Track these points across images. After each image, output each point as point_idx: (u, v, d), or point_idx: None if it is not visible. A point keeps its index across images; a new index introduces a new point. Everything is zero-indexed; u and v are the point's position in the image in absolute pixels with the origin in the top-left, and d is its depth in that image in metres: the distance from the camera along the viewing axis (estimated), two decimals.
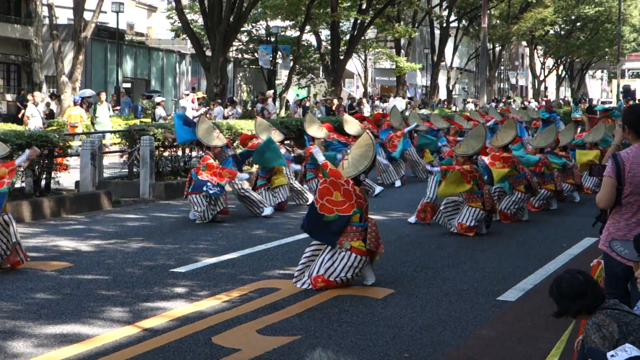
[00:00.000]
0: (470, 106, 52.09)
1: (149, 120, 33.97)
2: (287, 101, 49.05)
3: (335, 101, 41.78)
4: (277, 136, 18.35)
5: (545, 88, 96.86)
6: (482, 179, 15.02)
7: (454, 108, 59.17)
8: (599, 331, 5.55)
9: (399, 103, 43.63)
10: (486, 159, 15.86)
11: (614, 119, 25.73)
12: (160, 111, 34.27)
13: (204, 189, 15.33)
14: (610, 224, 6.91)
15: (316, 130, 19.45)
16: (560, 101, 73.86)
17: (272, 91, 44.75)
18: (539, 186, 17.28)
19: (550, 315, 6.05)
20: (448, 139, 22.74)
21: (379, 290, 10.44)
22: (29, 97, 31.31)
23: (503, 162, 15.83)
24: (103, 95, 31.27)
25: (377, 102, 49.30)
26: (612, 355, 5.29)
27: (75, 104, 31.40)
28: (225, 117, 33.02)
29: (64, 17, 49.70)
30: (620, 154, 6.80)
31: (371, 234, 10.59)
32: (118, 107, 37.99)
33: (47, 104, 33.74)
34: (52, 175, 17.56)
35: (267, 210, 16.57)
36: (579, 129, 22.37)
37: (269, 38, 55.87)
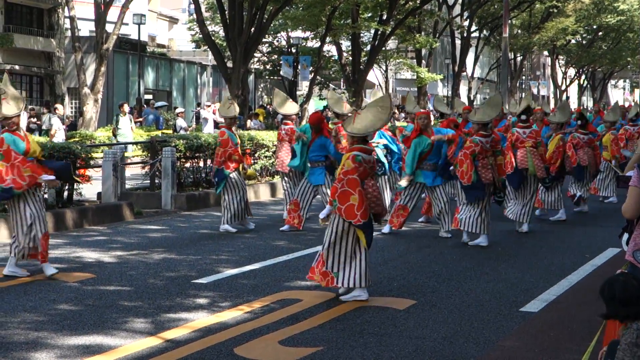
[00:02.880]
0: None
1: (170, 131, 34.14)
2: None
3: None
4: (292, 108, 17.98)
5: (567, 98, 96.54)
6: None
7: None
8: (639, 337, 5.46)
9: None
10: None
11: None
12: (180, 122, 34.45)
13: None
14: (636, 235, 6.85)
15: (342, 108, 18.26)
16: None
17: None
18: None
19: (598, 316, 5.95)
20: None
21: (401, 301, 10.41)
22: (43, 109, 31.59)
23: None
24: (125, 107, 31.44)
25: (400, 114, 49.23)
26: None
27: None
28: (247, 128, 33.09)
29: (86, 29, 49.97)
30: None
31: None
32: (140, 119, 38.12)
33: (68, 117, 34.03)
34: (75, 186, 17.61)
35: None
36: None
37: (290, 49, 55.97)
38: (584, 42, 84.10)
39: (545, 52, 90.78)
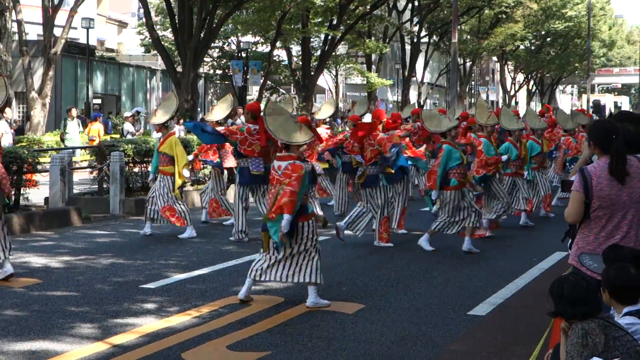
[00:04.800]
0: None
1: (118, 136, 33.97)
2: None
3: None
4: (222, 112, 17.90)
5: (516, 103, 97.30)
6: None
7: None
8: (584, 338, 5.50)
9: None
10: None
11: None
12: (128, 127, 34.20)
13: None
14: (579, 239, 6.90)
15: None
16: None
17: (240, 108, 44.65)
18: None
19: (547, 313, 6.01)
20: None
21: (350, 306, 10.42)
22: None
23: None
24: (74, 111, 31.19)
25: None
26: None
27: (95, 119, 32.20)
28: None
29: (33, 33, 49.41)
30: (588, 168, 6.81)
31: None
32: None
33: (15, 121, 33.73)
34: (22, 191, 17.43)
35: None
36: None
37: (240, 54, 55.85)
38: (532, 47, 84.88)
39: (494, 58, 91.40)
